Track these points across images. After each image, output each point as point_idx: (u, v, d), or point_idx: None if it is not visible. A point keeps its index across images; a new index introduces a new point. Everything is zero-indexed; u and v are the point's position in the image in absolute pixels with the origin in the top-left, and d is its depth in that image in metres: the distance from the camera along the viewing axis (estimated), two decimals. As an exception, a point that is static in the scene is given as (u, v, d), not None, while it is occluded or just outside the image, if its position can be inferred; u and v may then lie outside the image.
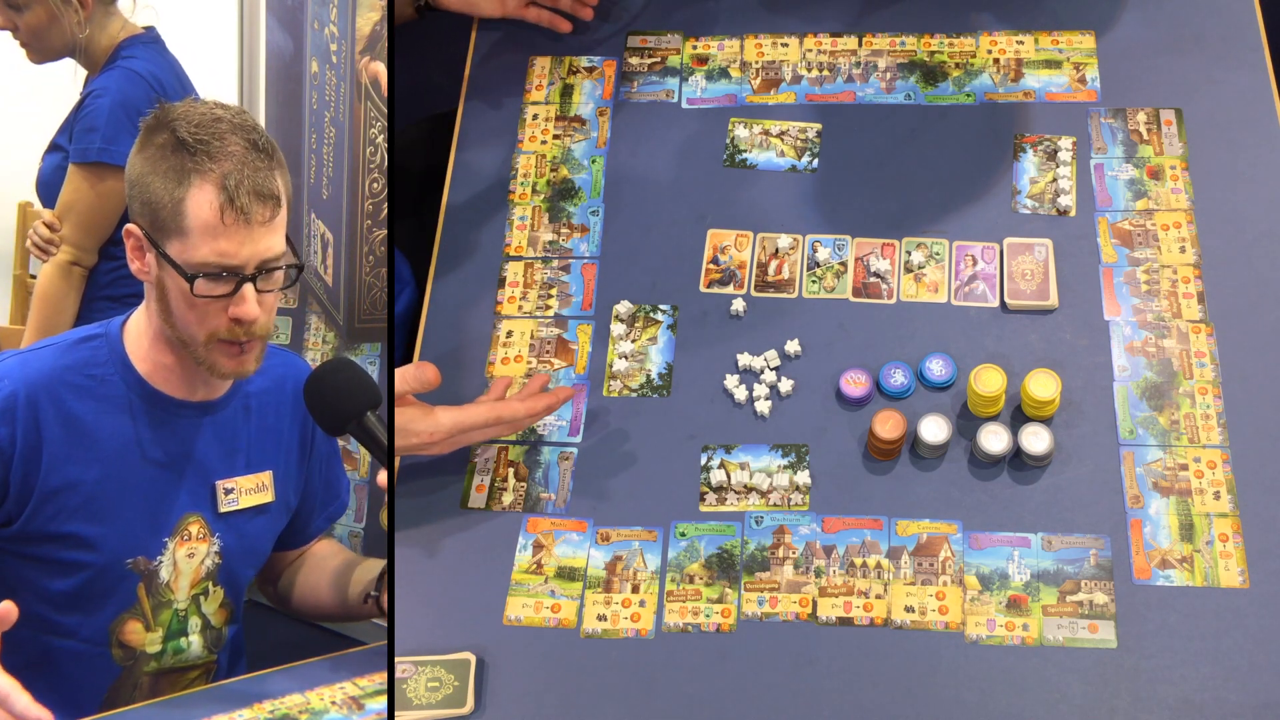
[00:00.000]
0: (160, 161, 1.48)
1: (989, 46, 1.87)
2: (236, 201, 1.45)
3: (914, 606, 1.48)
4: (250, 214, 1.46)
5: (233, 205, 1.45)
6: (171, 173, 1.47)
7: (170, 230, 1.47)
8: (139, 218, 1.50)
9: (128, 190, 1.52)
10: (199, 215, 1.46)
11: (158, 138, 1.50)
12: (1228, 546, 1.48)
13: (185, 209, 1.46)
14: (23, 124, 3.56)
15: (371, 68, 2.49)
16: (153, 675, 1.61)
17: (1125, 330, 1.63)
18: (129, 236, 1.52)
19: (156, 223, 1.48)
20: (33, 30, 2.34)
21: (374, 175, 2.51)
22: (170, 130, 1.49)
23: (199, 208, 1.46)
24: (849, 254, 1.73)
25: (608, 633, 1.50)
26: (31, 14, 2.32)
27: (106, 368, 1.55)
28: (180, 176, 1.46)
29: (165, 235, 1.48)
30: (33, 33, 2.34)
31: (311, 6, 2.64)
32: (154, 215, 1.48)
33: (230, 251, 1.46)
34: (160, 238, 1.48)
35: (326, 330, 2.67)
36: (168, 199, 1.47)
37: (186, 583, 1.60)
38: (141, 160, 1.50)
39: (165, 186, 1.47)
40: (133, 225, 1.51)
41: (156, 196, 1.47)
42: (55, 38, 2.35)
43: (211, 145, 1.47)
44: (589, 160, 1.84)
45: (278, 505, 1.67)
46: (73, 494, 1.52)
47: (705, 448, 1.61)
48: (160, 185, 1.47)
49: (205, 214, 1.46)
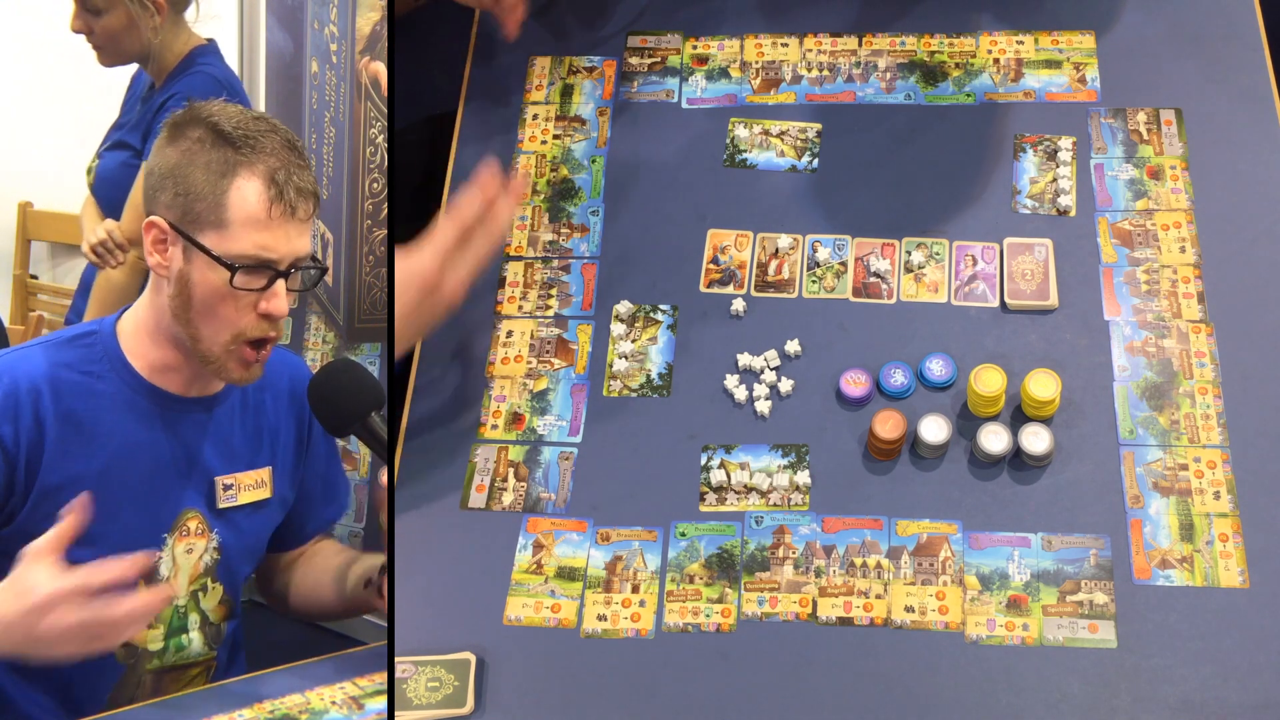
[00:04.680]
0: (199, 154, 1.48)
1: (989, 46, 1.87)
2: (286, 195, 1.47)
3: (914, 606, 1.48)
4: (296, 209, 1.48)
5: (282, 199, 1.47)
6: (215, 164, 1.47)
7: (207, 222, 1.47)
8: (167, 210, 1.50)
9: (153, 183, 1.51)
10: (243, 207, 1.46)
11: (193, 132, 1.50)
12: (1228, 546, 1.48)
13: (228, 200, 1.46)
14: (23, 125, 3.57)
15: (371, 68, 2.49)
16: (155, 673, 1.61)
17: (1125, 330, 1.63)
18: (150, 229, 1.51)
19: (190, 215, 1.48)
20: (110, 34, 2.38)
21: (374, 175, 2.51)
22: (207, 125, 1.49)
23: (244, 200, 1.46)
24: (849, 254, 1.73)
25: (608, 633, 1.50)
26: (111, 18, 2.37)
27: (102, 365, 1.55)
28: (225, 168, 1.47)
29: (199, 227, 1.47)
30: (109, 36, 2.39)
31: (311, 6, 2.64)
32: (189, 207, 1.48)
33: (271, 245, 1.47)
34: (193, 230, 1.48)
35: (326, 330, 2.67)
36: (209, 190, 1.47)
37: (185, 578, 1.61)
38: (176, 153, 1.49)
39: (207, 178, 1.47)
40: (156, 218, 1.50)
41: (196, 188, 1.47)
42: (130, 42, 2.40)
43: (258, 140, 1.48)
44: (589, 160, 1.84)
45: (275, 501, 1.68)
46: (72, 490, 1.51)
47: (705, 448, 1.61)
48: (202, 177, 1.47)
49: (251, 206, 1.46)
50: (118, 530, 1.54)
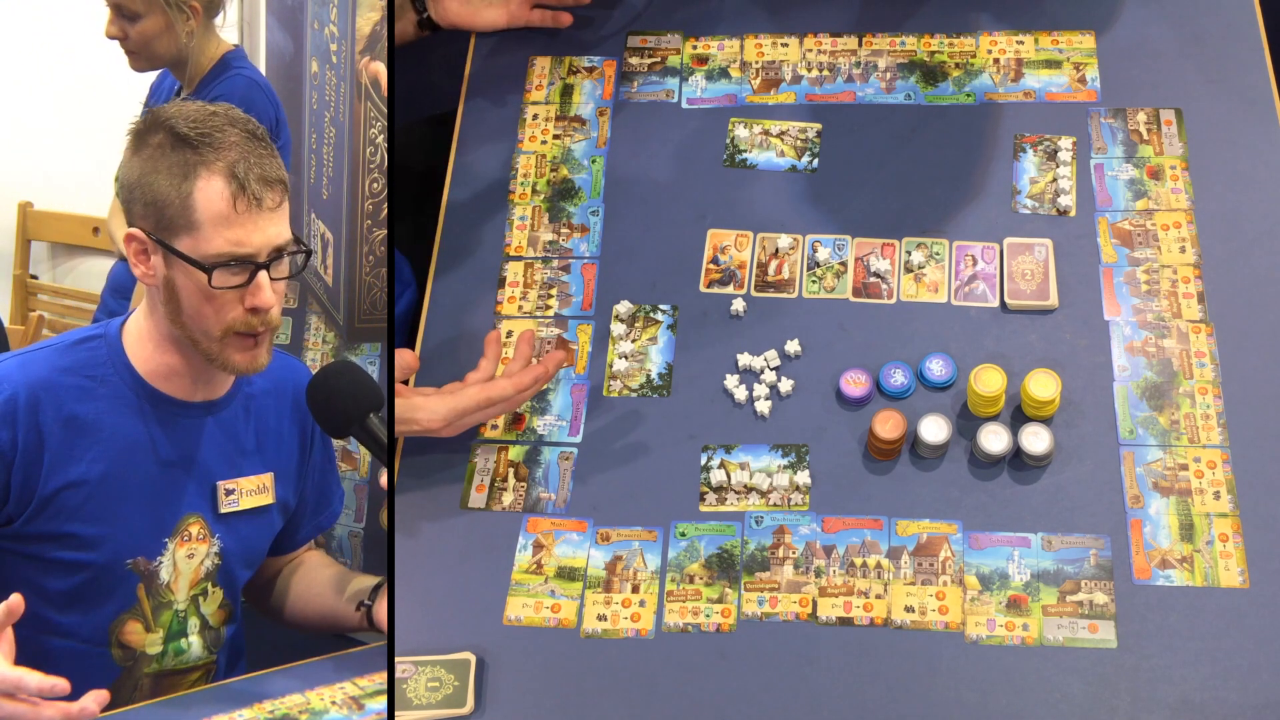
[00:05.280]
0: (161, 160, 1.48)
1: (989, 46, 1.87)
2: (248, 189, 1.47)
3: (914, 606, 1.48)
4: (262, 199, 1.47)
5: (245, 192, 1.46)
6: (176, 168, 1.47)
7: (179, 227, 1.47)
8: (141, 220, 1.50)
9: (125, 195, 1.52)
10: (210, 207, 1.46)
11: (153, 138, 1.50)
12: (1228, 546, 1.48)
13: (194, 202, 1.46)
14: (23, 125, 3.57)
15: (371, 68, 2.49)
16: (153, 676, 1.61)
17: (1125, 330, 1.63)
18: (130, 242, 1.51)
19: (163, 222, 1.48)
20: (145, 39, 2.39)
21: (374, 175, 2.51)
22: (166, 129, 1.49)
23: (209, 199, 1.46)
24: (849, 254, 1.73)
25: (608, 633, 1.50)
26: (148, 22, 2.37)
27: (106, 369, 1.55)
28: (186, 171, 1.47)
29: (173, 233, 1.48)
30: (144, 41, 2.39)
31: (311, 6, 2.64)
32: (160, 214, 1.48)
33: (243, 240, 1.47)
34: (168, 236, 1.48)
35: (326, 330, 2.67)
36: (174, 195, 1.47)
37: (186, 583, 1.60)
38: (139, 162, 1.50)
39: (170, 183, 1.47)
40: (134, 230, 1.51)
41: (161, 194, 1.47)
42: (165, 46, 2.40)
43: (214, 137, 1.48)
44: (589, 160, 1.84)
45: (276, 507, 1.67)
46: (73, 495, 1.51)
47: (705, 448, 1.61)
48: (165, 182, 1.47)
49: (216, 204, 1.46)
50: (119, 535, 1.54)
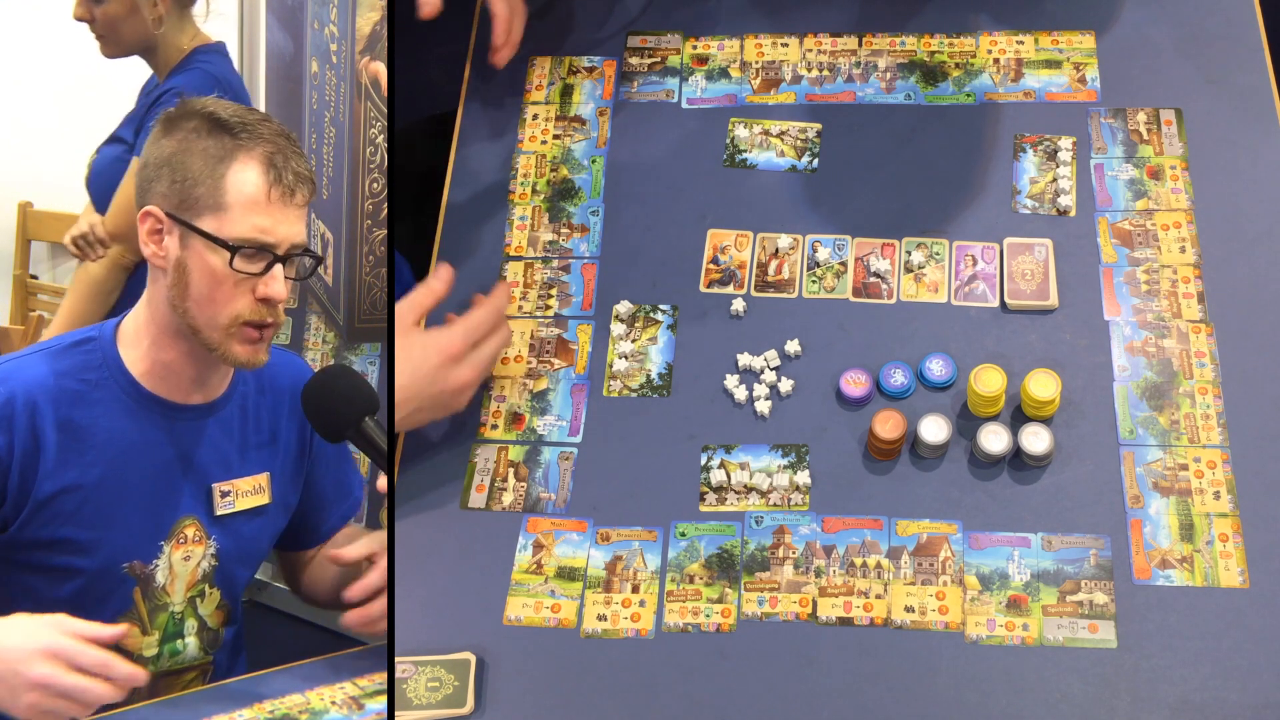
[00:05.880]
0: (195, 142, 1.50)
1: (989, 46, 1.87)
2: (284, 179, 1.49)
3: (914, 606, 1.48)
4: (295, 192, 1.50)
5: (280, 182, 1.49)
6: (213, 150, 1.49)
7: (204, 207, 1.48)
8: (163, 199, 1.51)
9: (149, 174, 1.52)
10: (243, 190, 1.48)
11: (188, 123, 1.52)
12: (1228, 546, 1.48)
13: (226, 184, 1.48)
14: (23, 125, 3.57)
15: (371, 68, 2.49)
16: (150, 678, 1.61)
17: (1125, 330, 1.63)
18: (146, 219, 1.52)
19: (188, 200, 1.49)
20: (111, 22, 2.39)
21: (374, 175, 2.52)
22: (203, 115, 1.52)
23: (243, 183, 1.48)
24: (849, 254, 1.73)
25: (608, 633, 1.50)
26: (112, 4, 2.37)
27: (100, 372, 1.55)
28: (223, 153, 1.49)
29: (197, 212, 1.49)
30: (111, 24, 2.39)
31: (311, 6, 2.64)
32: (186, 193, 1.49)
33: (269, 229, 1.49)
34: (191, 216, 1.49)
35: (326, 330, 2.67)
36: (207, 175, 1.48)
37: (182, 585, 1.60)
38: (172, 143, 1.51)
39: (205, 163, 1.49)
40: (151, 208, 1.51)
41: (194, 173, 1.49)
42: (131, 31, 2.40)
43: (254, 128, 1.51)
44: (589, 160, 1.84)
45: (275, 507, 1.67)
46: (68, 499, 1.51)
47: (705, 448, 1.61)
48: (199, 163, 1.49)
49: (250, 189, 1.48)
50: (115, 539, 1.54)
